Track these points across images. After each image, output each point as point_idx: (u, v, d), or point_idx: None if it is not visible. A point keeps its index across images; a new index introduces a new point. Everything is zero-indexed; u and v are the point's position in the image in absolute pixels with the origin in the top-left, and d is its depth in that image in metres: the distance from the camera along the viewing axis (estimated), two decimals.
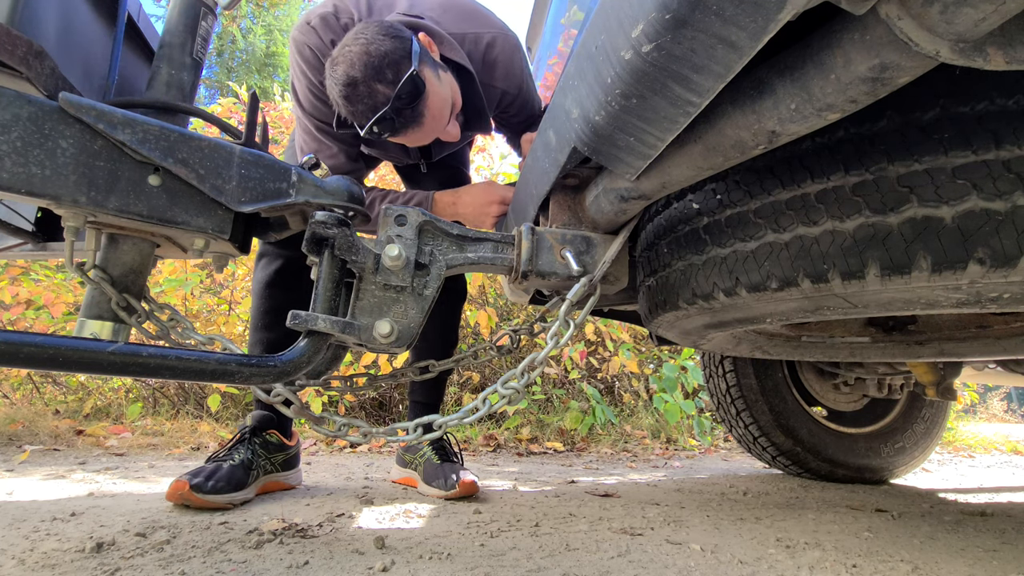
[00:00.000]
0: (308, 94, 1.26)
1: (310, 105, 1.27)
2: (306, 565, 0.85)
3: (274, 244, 1.44)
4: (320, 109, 1.26)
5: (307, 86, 1.25)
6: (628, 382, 3.48)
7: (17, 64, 0.62)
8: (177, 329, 0.84)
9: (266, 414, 1.40)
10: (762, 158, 0.74)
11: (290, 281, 1.43)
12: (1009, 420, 7.80)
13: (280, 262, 1.43)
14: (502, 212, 1.34)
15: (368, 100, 1.06)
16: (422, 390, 1.61)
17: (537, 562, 0.90)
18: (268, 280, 1.43)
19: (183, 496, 1.14)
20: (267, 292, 1.43)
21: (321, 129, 1.30)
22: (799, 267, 0.70)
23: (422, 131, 1.16)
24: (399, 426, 0.86)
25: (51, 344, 0.64)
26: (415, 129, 1.14)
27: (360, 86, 1.05)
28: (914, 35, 0.40)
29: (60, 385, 2.98)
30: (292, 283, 1.43)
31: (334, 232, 0.76)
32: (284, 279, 1.43)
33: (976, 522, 1.33)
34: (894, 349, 1.22)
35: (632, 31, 0.46)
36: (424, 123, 1.14)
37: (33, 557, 0.86)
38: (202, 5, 0.85)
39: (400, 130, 1.12)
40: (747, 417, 1.87)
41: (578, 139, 0.65)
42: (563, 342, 0.84)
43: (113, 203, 0.68)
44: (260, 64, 14.26)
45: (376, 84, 1.05)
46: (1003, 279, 0.58)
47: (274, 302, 1.42)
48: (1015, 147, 0.57)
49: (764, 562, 0.94)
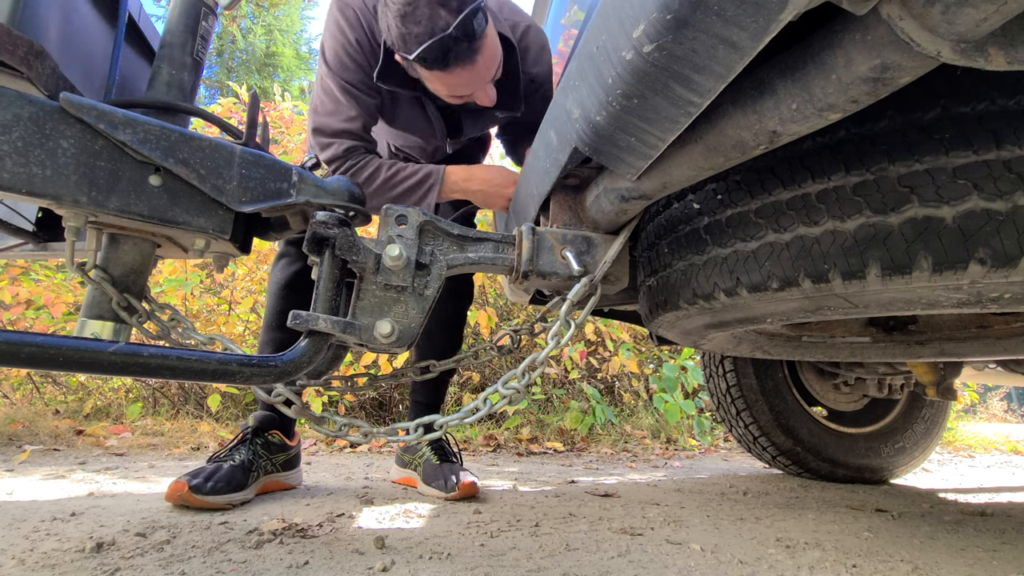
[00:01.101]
0: (341, 52, 1.23)
1: (338, 63, 1.24)
2: (306, 565, 0.85)
3: (295, 245, 1.44)
4: (349, 68, 1.24)
5: (342, 44, 1.23)
6: (628, 382, 3.48)
7: (18, 64, 0.62)
8: (178, 329, 0.84)
9: (268, 414, 1.40)
10: (763, 158, 0.74)
11: (309, 284, 1.43)
12: (1009, 420, 7.80)
13: (300, 264, 1.42)
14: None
15: (428, 22, 1.03)
16: (423, 390, 1.61)
17: (537, 562, 0.90)
18: (286, 281, 1.42)
19: (182, 497, 1.14)
20: (284, 293, 1.42)
21: (345, 89, 1.26)
22: (800, 267, 0.70)
23: (470, 73, 1.12)
24: (399, 426, 0.86)
25: (51, 344, 0.64)
26: (466, 67, 1.09)
27: (422, 7, 1.03)
28: (915, 35, 0.40)
29: (60, 385, 2.98)
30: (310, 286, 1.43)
31: (335, 232, 0.76)
32: (304, 280, 1.42)
33: (976, 522, 1.33)
34: (894, 349, 1.22)
35: (633, 31, 0.46)
36: (476, 63, 1.10)
37: (33, 557, 0.86)
38: (202, 5, 0.85)
39: (452, 63, 1.08)
40: (747, 417, 1.87)
41: (579, 139, 0.65)
42: (564, 342, 0.84)
43: (114, 203, 0.68)
44: (260, 64, 14.26)
45: (439, 7, 1.03)
46: (1004, 279, 0.58)
47: (290, 304, 1.41)
48: (1016, 147, 0.57)
49: (764, 562, 0.94)
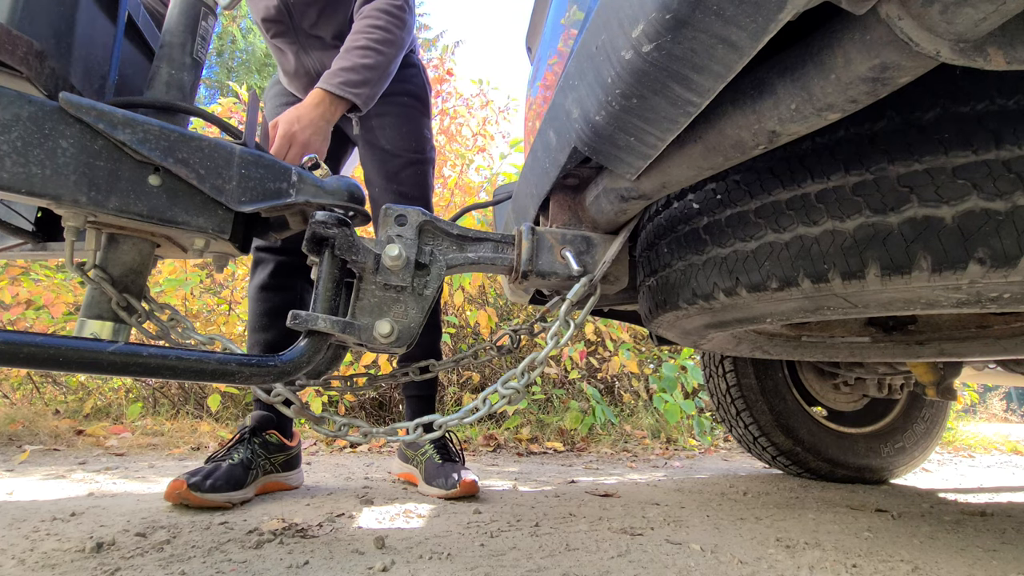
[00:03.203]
0: None
1: None
2: (306, 565, 0.85)
3: (265, 250, 1.49)
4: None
5: None
6: (628, 382, 3.48)
7: (17, 64, 0.62)
8: (177, 329, 0.84)
9: (265, 414, 1.41)
10: (762, 158, 0.74)
11: (282, 282, 1.47)
12: (1009, 420, 7.80)
13: (271, 266, 1.47)
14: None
15: None
16: (416, 384, 1.61)
17: (537, 562, 0.90)
18: (261, 284, 1.47)
19: (181, 495, 1.14)
20: (261, 295, 1.47)
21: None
22: (799, 267, 0.70)
23: None
24: (399, 426, 0.86)
25: (51, 344, 0.64)
26: None
27: None
28: (914, 35, 0.40)
29: (60, 385, 2.98)
30: (285, 284, 1.48)
31: (334, 232, 0.76)
32: (276, 281, 1.47)
33: (976, 522, 1.33)
34: (894, 349, 1.22)
35: (632, 31, 0.46)
36: None
37: (33, 557, 0.86)
38: (202, 5, 0.85)
39: None
40: (747, 417, 1.87)
41: (578, 139, 0.65)
42: (563, 342, 0.84)
43: (113, 203, 0.68)
44: (260, 64, 14.27)
45: None
46: (1003, 279, 0.58)
47: (269, 304, 1.46)
48: (1015, 147, 0.57)
49: (764, 562, 0.94)
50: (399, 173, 1.54)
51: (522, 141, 3.04)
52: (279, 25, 1.45)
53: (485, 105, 5.75)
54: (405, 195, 1.54)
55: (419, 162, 1.58)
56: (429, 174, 1.62)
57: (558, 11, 1.16)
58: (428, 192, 1.61)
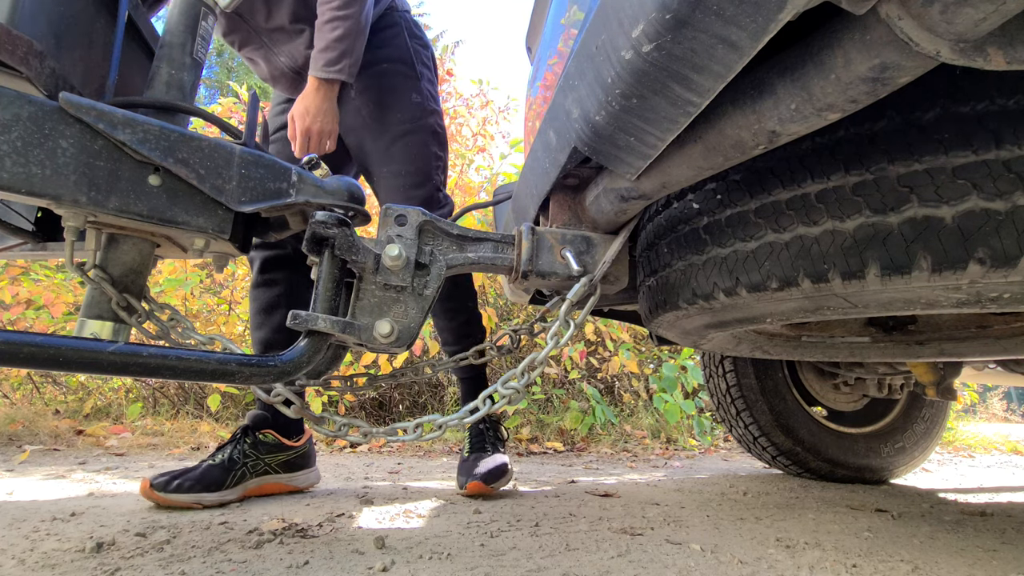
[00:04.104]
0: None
1: None
2: (306, 565, 0.85)
3: (253, 247, 1.47)
4: None
5: None
6: (628, 382, 3.48)
7: (17, 64, 0.62)
8: (177, 329, 0.84)
9: (261, 413, 1.40)
10: (762, 158, 0.74)
11: (269, 278, 1.47)
12: (1009, 420, 7.79)
13: (258, 263, 1.47)
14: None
15: None
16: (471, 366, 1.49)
17: (537, 562, 0.90)
18: (253, 283, 1.49)
19: (145, 493, 1.16)
20: (253, 294, 1.49)
21: None
22: (799, 267, 0.70)
23: None
24: (399, 426, 0.86)
25: (51, 344, 0.64)
26: None
27: None
28: (914, 35, 0.40)
29: (60, 385, 2.98)
30: (271, 279, 1.47)
31: (334, 232, 0.76)
32: (264, 277, 1.47)
33: (976, 522, 1.33)
34: (894, 349, 1.22)
35: (632, 31, 0.46)
36: None
37: (33, 557, 0.86)
38: (202, 5, 0.85)
39: None
40: (747, 417, 1.87)
41: (578, 139, 0.65)
42: (563, 342, 0.84)
43: (113, 203, 0.68)
44: None
45: None
46: (1003, 279, 0.58)
47: (258, 303, 1.47)
48: (1015, 147, 0.57)
49: (764, 562, 0.94)
50: (389, 150, 1.42)
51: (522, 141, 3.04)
52: (240, 33, 1.42)
53: (485, 105, 5.75)
54: (399, 174, 1.41)
55: (410, 132, 1.43)
56: (427, 142, 1.45)
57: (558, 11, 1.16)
58: (428, 164, 1.45)
